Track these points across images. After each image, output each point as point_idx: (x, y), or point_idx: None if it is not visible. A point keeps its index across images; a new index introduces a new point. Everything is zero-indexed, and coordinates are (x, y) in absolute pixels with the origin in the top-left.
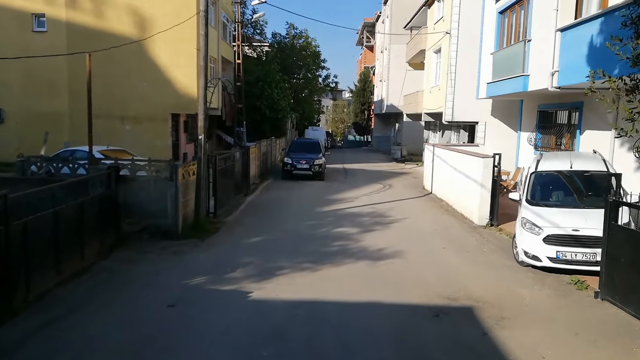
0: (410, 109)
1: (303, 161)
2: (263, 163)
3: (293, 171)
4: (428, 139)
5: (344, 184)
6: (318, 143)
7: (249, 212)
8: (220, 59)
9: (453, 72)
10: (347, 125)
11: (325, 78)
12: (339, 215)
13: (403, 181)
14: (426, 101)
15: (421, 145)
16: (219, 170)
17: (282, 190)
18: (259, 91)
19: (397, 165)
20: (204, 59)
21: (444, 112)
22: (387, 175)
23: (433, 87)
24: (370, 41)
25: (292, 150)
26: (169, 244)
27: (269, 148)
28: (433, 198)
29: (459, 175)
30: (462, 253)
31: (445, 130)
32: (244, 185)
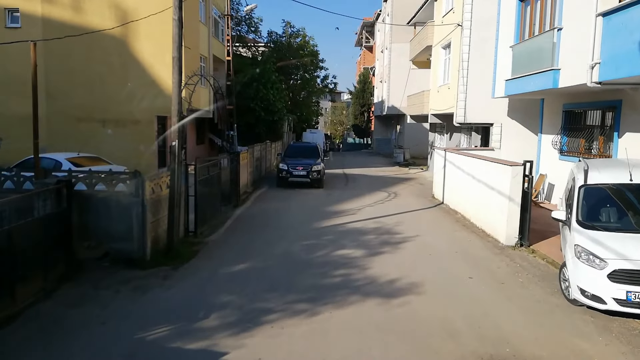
0: (414, 110)
1: (300, 167)
2: (257, 169)
3: (289, 178)
4: (434, 142)
5: (344, 192)
6: (316, 147)
7: (236, 228)
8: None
9: (465, 68)
10: (346, 128)
11: (324, 79)
12: (340, 233)
13: (409, 188)
14: (433, 101)
15: (425, 148)
16: (202, 180)
17: (276, 200)
18: (253, 92)
19: (401, 170)
20: (177, 49)
21: (455, 112)
22: (391, 181)
23: (441, 86)
24: (370, 41)
25: (288, 155)
26: (132, 274)
27: (263, 153)
28: (445, 209)
29: (479, 184)
30: (494, 285)
31: (453, 133)
32: (233, 195)
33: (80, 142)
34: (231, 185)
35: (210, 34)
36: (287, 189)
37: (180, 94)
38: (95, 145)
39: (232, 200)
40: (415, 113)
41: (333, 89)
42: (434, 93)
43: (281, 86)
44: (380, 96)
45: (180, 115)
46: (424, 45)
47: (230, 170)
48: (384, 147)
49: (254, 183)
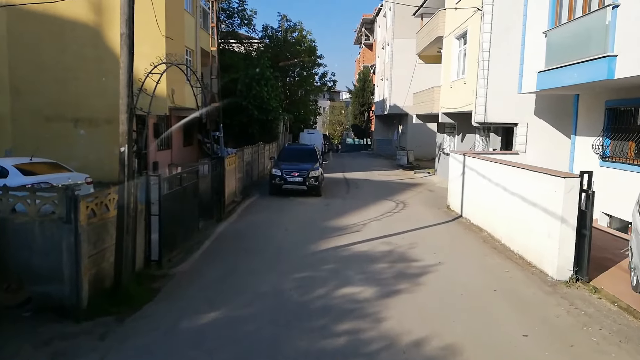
0: (421, 108)
1: (295, 173)
2: (247, 175)
3: (283, 185)
4: (443, 144)
5: (346, 201)
6: (314, 150)
7: (214, 252)
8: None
9: (486, 59)
10: (345, 128)
11: (322, 76)
12: (343, 259)
13: (418, 196)
14: (445, 99)
15: (430, 150)
16: (170, 195)
17: (266, 212)
18: (246, 89)
19: (405, 174)
20: (127, 25)
21: (474, 111)
22: (396, 187)
23: (455, 81)
24: (370, 39)
25: (282, 159)
26: (60, 330)
27: (255, 156)
28: (466, 224)
29: (514, 198)
30: (561, 350)
31: (466, 134)
32: (217, 207)
33: (51, 144)
34: (214, 195)
35: (197, 25)
36: (281, 197)
37: (130, 81)
38: (67, 147)
39: (215, 214)
40: (423, 112)
41: (332, 86)
42: (446, 89)
43: (276, 83)
44: (381, 95)
45: (131, 110)
46: (434, 37)
47: (213, 178)
48: (385, 148)
49: (244, 190)
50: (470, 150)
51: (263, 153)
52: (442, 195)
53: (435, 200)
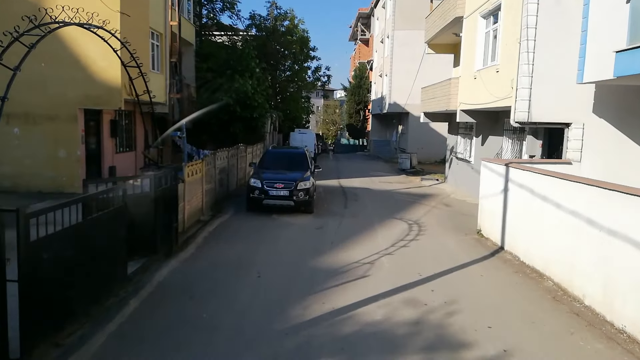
0: (432, 105)
1: (279, 184)
2: (221, 185)
3: (264, 200)
4: (456, 148)
5: (344, 220)
6: (304, 154)
7: (131, 331)
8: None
9: (531, 38)
10: (339, 128)
11: (316, 70)
12: (347, 341)
13: (434, 213)
14: (465, 93)
15: (433, 152)
16: (55, 238)
17: (237, 240)
18: (226, 82)
19: (410, 180)
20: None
21: (514, 107)
22: (404, 200)
23: (481, 71)
24: (366, 34)
25: (265, 166)
26: None
27: (233, 161)
28: (515, 264)
29: (617, 241)
30: None
31: (488, 136)
32: (166, 237)
33: None
34: (160, 220)
35: (167, 5)
36: (261, 215)
37: None
38: None
39: (161, 246)
40: (434, 109)
41: (326, 82)
42: (467, 81)
43: (263, 76)
44: (379, 92)
45: None
46: (450, 18)
47: (159, 199)
48: (382, 150)
49: (216, 205)
50: (497, 156)
51: (244, 157)
52: (462, 211)
53: (457, 220)
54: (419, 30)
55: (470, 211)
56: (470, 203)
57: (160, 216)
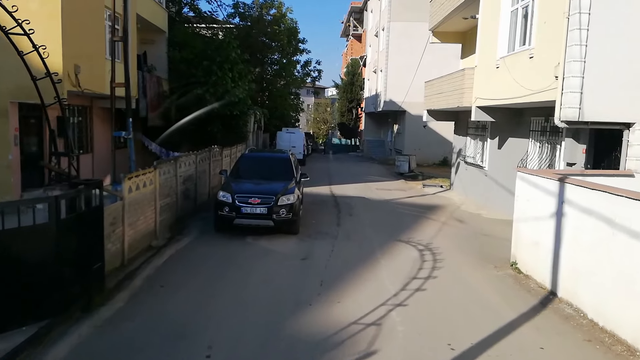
0: (439, 102)
1: (255, 199)
2: (187, 198)
3: (235, 219)
4: (465, 151)
5: (337, 245)
6: (287, 160)
7: None
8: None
9: (585, 10)
10: (330, 127)
11: (305, 64)
12: None
13: (447, 232)
14: (483, 86)
15: (431, 154)
16: None
17: (191, 283)
18: (203, 74)
19: (410, 187)
20: None
21: (560, 101)
22: (408, 213)
23: (507, 58)
24: (358, 29)
25: (238, 175)
26: None
27: (203, 166)
28: (580, 322)
29: None
30: None
31: (507, 138)
32: (85, 284)
33: None
34: (70, 261)
35: None
36: (232, 238)
37: None
38: None
39: (79, 297)
40: (443, 106)
41: (317, 77)
42: (487, 71)
43: (246, 69)
44: (373, 89)
45: None
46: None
47: (66, 229)
48: (376, 151)
49: (178, 224)
50: (522, 164)
51: (219, 161)
52: (481, 230)
53: (479, 243)
54: (416, 22)
55: (491, 230)
56: (487, 218)
57: (72, 255)
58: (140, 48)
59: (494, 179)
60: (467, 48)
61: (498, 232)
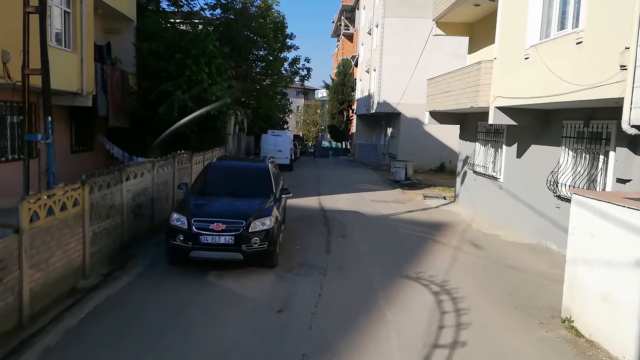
0: (447, 101)
1: (219, 225)
2: (139, 217)
3: (192, 251)
4: (474, 159)
5: (325, 284)
6: (265, 171)
7: None
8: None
9: None
10: (320, 129)
11: (294, 62)
12: None
13: (464, 263)
14: (506, 82)
15: (427, 159)
16: None
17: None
18: (175, 69)
19: (410, 198)
20: None
21: (631, 99)
22: (412, 234)
23: (540, 46)
24: (350, 29)
25: (201, 191)
26: None
27: (165, 176)
28: None
29: None
30: None
31: (530, 145)
32: None
33: None
34: None
35: None
36: (189, 274)
37: None
38: None
39: None
40: (451, 107)
41: (306, 76)
42: (512, 64)
43: (226, 64)
44: (365, 90)
45: None
46: None
47: None
48: (368, 155)
49: (123, 252)
50: (553, 177)
51: (187, 169)
52: (506, 261)
53: (507, 280)
54: (413, 18)
55: (517, 260)
56: (507, 241)
57: None
58: (103, 38)
59: (511, 192)
60: (475, 41)
61: (528, 264)
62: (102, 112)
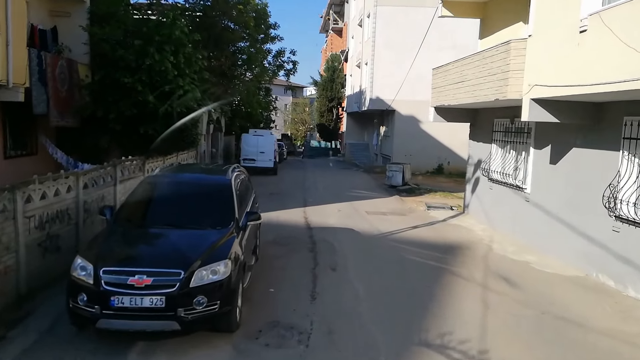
0: (459, 95)
1: (142, 278)
2: (49, 253)
3: (101, 320)
4: (488, 164)
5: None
6: (226, 188)
7: None
8: None
9: None
10: (309, 128)
11: (278, 54)
12: None
13: (500, 313)
14: (553, 65)
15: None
16: None
17: None
18: (134, 58)
19: (411, 208)
20: None
21: None
22: (421, 263)
23: (604, 14)
24: (339, 23)
25: (129, 220)
26: None
27: (96, 194)
28: None
29: None
30: None
31: (572, 149)
32: None
33: None
34: None
35: None
36: (105, 346)
37: None
38: None
39: None
40: (468, 101)
41: (292, 70)
42: (557, 42)
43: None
44: (356, 86)
45: None
46: None
47: None
48: (359, 155)
49: (18, 306)
50: (612, 192)
51: (137, 179)
52: (556, 307)
53: (569, 346)
54: (407, 7)
55: (573, 307)
56: (544, 273)
57: None
58: (50, 22)
59: (542, 207)
60: (489, 23)
61: (588, 314)
62: (41, 109)
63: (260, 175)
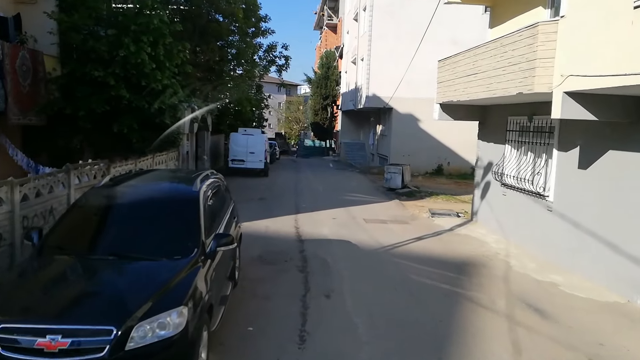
0: (471, 89)
1: (56, 339)
2: None
3: None
4: (501, 167)
5: None
6: (193, 203)
7: None
8: None
9: None
10: (303, 126)
11: (269, 49)
12: None
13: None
14: (593, 51)
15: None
16: None
17: None
18: (107, 49)
19: (413, 215)
20: None
21: None
22: (431, 286)
23: None
24: (333, 19)
25: (60, 247)
26: None
27: (47, 206)
28: None
29: None
30: None
31: (609, 151)
32: None
33: None
34: None
35: None
36: None
37: None
38: None
39: None
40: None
41: (284, 65)
42: (600, 24)
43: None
44: (352, 83)
45: None
46: None
47: None
48: (355, 155)
49: None
50: None
51: None
52: (600, 347)
53: None
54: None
55: (628, 350)
56: (578, 298)
57: None
58: (13, 9)
59: (570, 219)
60: (501, 10)
61: None
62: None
63: (249, 177)
